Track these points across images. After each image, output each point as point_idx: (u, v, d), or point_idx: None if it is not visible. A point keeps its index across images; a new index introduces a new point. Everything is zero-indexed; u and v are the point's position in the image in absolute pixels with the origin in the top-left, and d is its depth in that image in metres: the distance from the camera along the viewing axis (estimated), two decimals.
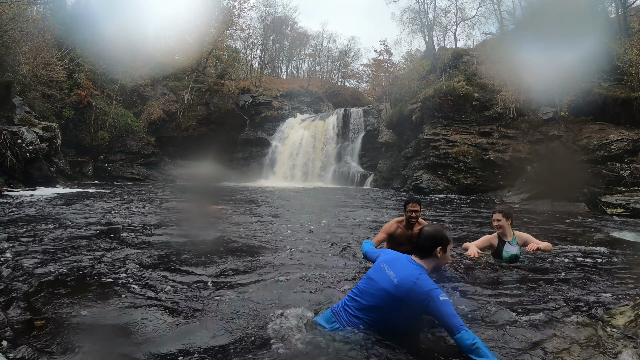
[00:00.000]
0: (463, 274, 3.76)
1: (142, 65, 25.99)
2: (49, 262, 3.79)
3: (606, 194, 12.15)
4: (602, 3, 19.15)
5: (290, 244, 5.36)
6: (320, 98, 37.31)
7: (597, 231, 7.61)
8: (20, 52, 16.04)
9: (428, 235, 2.35)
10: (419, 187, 19.85)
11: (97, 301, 2.80)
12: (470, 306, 2.85)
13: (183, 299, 2.92)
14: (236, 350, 2.11)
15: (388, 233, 4.21)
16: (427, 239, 2.33)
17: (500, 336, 2.39)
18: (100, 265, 3.78)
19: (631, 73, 15.63)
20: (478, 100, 20.05)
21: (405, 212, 4.14)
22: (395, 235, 4.21)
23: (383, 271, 2.27)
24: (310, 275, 3.56)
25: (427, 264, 2.32)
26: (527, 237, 4.12)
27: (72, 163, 21.76)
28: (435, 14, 33.38)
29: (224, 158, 27.81)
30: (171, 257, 4.34)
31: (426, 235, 2.35)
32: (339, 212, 9.67)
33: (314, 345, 2.07)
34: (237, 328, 2.40)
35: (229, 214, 8.81)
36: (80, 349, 2.11)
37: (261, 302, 2.83)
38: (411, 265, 2.27)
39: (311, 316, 2.42)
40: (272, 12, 43.19)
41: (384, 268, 2.29)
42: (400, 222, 4.23)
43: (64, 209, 8.28)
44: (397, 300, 2.14)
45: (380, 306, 2.18)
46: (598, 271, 4.09)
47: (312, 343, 2.10)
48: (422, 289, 2.11)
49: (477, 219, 9.28)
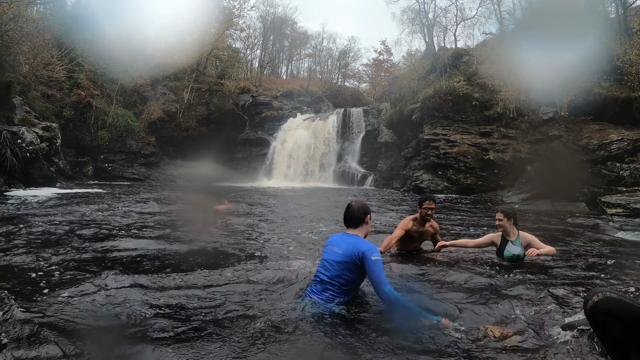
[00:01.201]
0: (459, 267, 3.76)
1: (142, 65, 25.99)
2: (48, 263, 3.79)
3: (606, 194, 12.15)
4: (602, 3, 19.15)
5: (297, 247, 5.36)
6: (320, 98, 37.31)
7: (597, 231, 7.61)
8: (20, 52, 16.03)
9: (359, 207, 2.87)
10: (419, 187, 19.84)
11: (97, 301, 2.80)
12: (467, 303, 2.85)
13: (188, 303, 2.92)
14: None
15: (405, 229, 4.46)
16: (359, 210, 2.85)
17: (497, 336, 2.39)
18: (106, 263, 3.78)
19: (631, 73, 15.63)
20: (478, 100, 20.05)
21: (421, 209, 4.42)
22: (410, 232, 4.49)
23: (331, 250, 2.80)
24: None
25: (360, 232, 2.85)
26: (532, 239, 4.13)
27: (72, 163, 21.75)
28: (435, 14, 33.42)
29: (224, 158, 27.82)
30: (176, 259, 4.34)
31: (357, 207, 2.87)
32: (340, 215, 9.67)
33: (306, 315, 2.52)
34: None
35: (236, 213, 8.80)
36: (80, 348, 2.11)
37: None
38: (348, 237, 2.80)
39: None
40: (272, 12, 43.25)
41: (331, 247, 2.81)
42: (414, 220, 4.50)
43: (64, 209, 8.28)
44: (346, 263, 2.66)
45: (338, 273, 2.67)
46: (598, 271, 4.09)
47: (305, 316, 2.52)
48: (360, 249, 2.63)
49: (477, 219, 9.27)
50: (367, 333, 2.33)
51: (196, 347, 2.14)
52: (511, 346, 2.26)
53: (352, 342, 2.22)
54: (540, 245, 4.04)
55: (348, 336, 2.29)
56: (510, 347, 2.26)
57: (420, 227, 4.50)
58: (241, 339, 2.24)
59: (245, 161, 29.78)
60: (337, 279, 2.67)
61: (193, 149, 26.70)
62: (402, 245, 4.61)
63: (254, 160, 29.69)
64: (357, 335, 2.31)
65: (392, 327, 2.39)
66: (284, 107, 32.92)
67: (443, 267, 3.91)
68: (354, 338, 2.27)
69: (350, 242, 2.72)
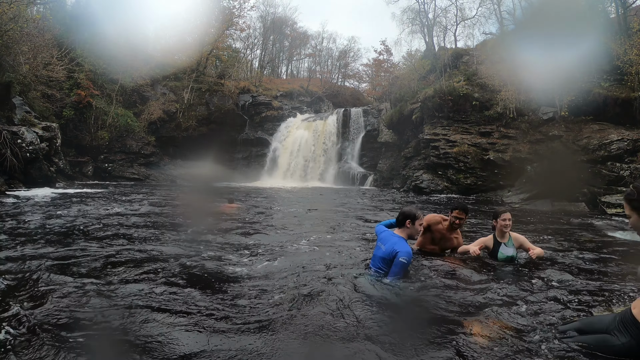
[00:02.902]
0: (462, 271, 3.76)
1: (142, 65, 25.99)
2: (46, 262, 3.79)
3: (606, 194, 12.16)
4: (602, 3, 19.14)
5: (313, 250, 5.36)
6: (320, 98, 37.32)
7: (597, 231, 7.61)
8: (20, 52, 16.03)
9: (402, 212, 3.56)
10: (419, 187, 19.84)
11: (100, 301, 2.79)
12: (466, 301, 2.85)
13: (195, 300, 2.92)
14: None
15: (429, 223, 4.33)
16: (400, 214, 3.55)
17: (497, 337, 2.39)
18: (106, 262, 3.78)
19: (631, 73, 15.62)
20: (478, 100, 20.04)
21: (450, 215, 4.29)
22: (433, 229, 4.36)
23: (378, 246, 3.57)
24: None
25: (403, 232, 3.50)
26: (523, 240, 4.18)
27: (72, 163, 21.76)
28: (435, 14, 33.43)
29: (224, 158, 27.83)
30: (180, 260, 4.34)
31: (403, 212, 3.55)
32: (343, 218, 9.66)
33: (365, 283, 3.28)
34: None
35: (245, 213, 8.80)
36: (81, 347, 2.11)
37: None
38: (393, 237, 3.48)
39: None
40: (272, 12, 43.27)
41: (379, 244, 3.56)
42: (445, 221, 4.38)
43: (64, 209, 8.28)
44: (386, 260, 3.38)
45: (379, 265, 3.45)
46: (598, 271, 4.10)
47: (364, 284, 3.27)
48: (395, 250, 3.31)
49: (477, 220, 9.27)
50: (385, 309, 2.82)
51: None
52: (496, 346, 2.26)
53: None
54: (531, 246, 4.09)
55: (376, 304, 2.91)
56: (496, 347, 2.26)
57: (446, 231, 4.34)
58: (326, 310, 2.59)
59: (245, 161, 29.79)
60: (379, 270, 3.42)
61: (193, 149, 26.71)
62: (422, 242, 4.47)
63: (253, 160, 29.69)
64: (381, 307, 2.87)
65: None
66: (284, 107, 32.92)
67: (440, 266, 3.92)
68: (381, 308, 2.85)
69: (392, 242, 3.40)
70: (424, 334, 2.40)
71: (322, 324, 2.51)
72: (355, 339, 2.31)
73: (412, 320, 2.82)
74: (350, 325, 2.49)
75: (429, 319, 2.64)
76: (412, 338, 2.36)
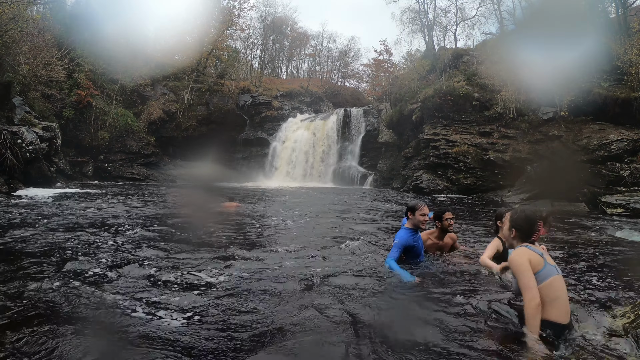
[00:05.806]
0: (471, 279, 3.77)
1: (142, 65, 25.98)
2: (45, 262, 3.79)
3: (606, 194, 12.15)
4: (602, 3, 19.15)
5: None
6: (320, 98, 37.31)
7: (597, 231, 7.61)
8: (20, 52, 16.01)
9: (408, 205, 3.99)
10: (419, 187, 19.84)
11: (101, 301, 2.79)
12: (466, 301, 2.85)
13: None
14: None
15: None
16: (407, 207, 4.00)
17: (496, 337, 2.39)
18: (106, 262, 3.78)
19: (631, 73, 15.62)
20: (478, 100, 20.04)
21: (442, 222, 4.31)
22: (427, 246, 4.32)
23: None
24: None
25: (408, 224, 3.93)
26: None
27: (72, 163, 21.76)
28: (435, 14, 33.43)
29: (224, 158, 27.83)
30: (182, 260, 4.33)
31: (407, 205, 4.01)
32: (348, 219, 9.65)
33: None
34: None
35: (246, 211, 8.80)
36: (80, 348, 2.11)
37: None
38: (402, 227, 3.99)
39: None
40: (272, 12, 43.20)
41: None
42: (431, 234, 4.40)
43: (64, 209, 8.28)
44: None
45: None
46: (598, 271, 4.09)
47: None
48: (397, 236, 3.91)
49: (477, 220, 9.27)
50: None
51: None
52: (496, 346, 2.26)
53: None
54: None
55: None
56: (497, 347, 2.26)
57: (438, 240, 4.37)
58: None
59: (245, 161, 29.78)
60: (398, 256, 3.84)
61: (193, 149, 26.71)
62: None
63: (253, 160, 29.68)
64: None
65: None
66: (284, 107, 32.91)
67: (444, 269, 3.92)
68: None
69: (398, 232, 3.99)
70: (423, 335, 2.40)
71: (320, 324, 2.50)
72: (353, 336, 2.31)
73: (412, 321, 2.83)
74: (347, 323, 2.49)
75: (431, 322, 2.63)
76: (412, 338, 2.36)
